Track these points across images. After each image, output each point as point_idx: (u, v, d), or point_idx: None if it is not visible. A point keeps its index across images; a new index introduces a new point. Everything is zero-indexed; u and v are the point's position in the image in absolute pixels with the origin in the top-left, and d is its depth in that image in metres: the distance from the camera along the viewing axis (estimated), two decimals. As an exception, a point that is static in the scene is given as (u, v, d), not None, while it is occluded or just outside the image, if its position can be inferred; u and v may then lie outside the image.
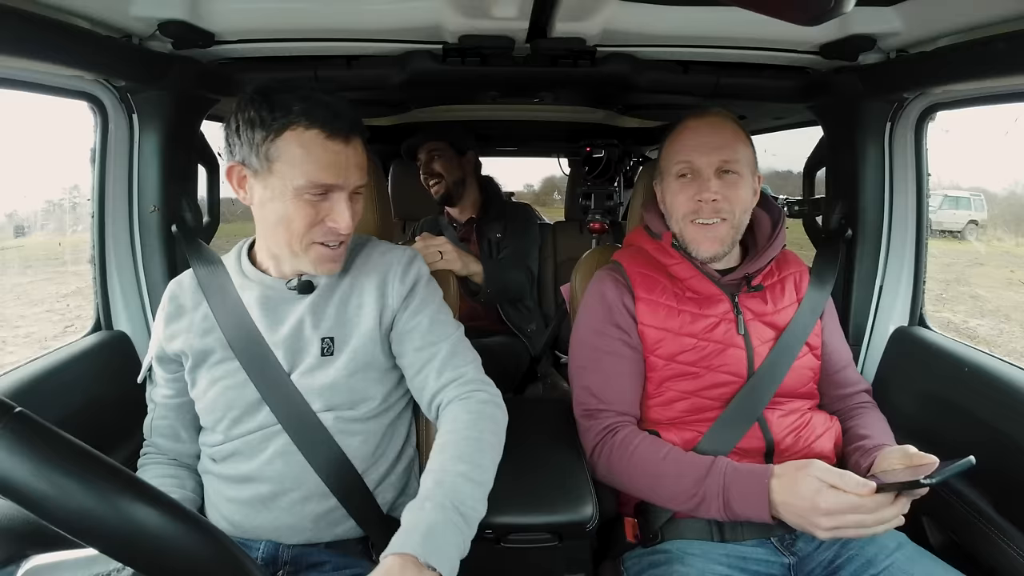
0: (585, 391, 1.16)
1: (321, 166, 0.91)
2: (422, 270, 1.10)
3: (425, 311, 1.06)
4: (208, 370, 1.01)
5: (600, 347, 1.16)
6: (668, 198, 1.17)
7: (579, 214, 2.32)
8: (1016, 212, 9.45)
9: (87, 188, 1.35)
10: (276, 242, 0.99)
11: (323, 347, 1.01)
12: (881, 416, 1.18)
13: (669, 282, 1.17)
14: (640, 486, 1.06)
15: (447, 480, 0.85)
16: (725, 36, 1.21)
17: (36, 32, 0.92)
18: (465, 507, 0.83)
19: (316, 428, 0.99)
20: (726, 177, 1.11)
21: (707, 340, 1.12)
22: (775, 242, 1.17)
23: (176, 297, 1.07)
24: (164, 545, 0.49)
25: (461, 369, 1.03)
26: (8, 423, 0.47)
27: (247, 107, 0.92)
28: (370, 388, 1.03)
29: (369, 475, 1.02)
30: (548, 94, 1.79)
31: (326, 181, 0.92)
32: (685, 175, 1.13)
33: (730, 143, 1.12)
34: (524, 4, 1.03)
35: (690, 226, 1.14)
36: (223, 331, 1.01)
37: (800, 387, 1.14)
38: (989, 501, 1.09)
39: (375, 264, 1.07)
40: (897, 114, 1.37)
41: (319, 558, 0.98)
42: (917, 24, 1.07)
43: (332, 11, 1.10)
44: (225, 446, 1.01)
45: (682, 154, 1.13)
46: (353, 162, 0.95)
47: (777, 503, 0.93)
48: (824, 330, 1.20)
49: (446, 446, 0.92)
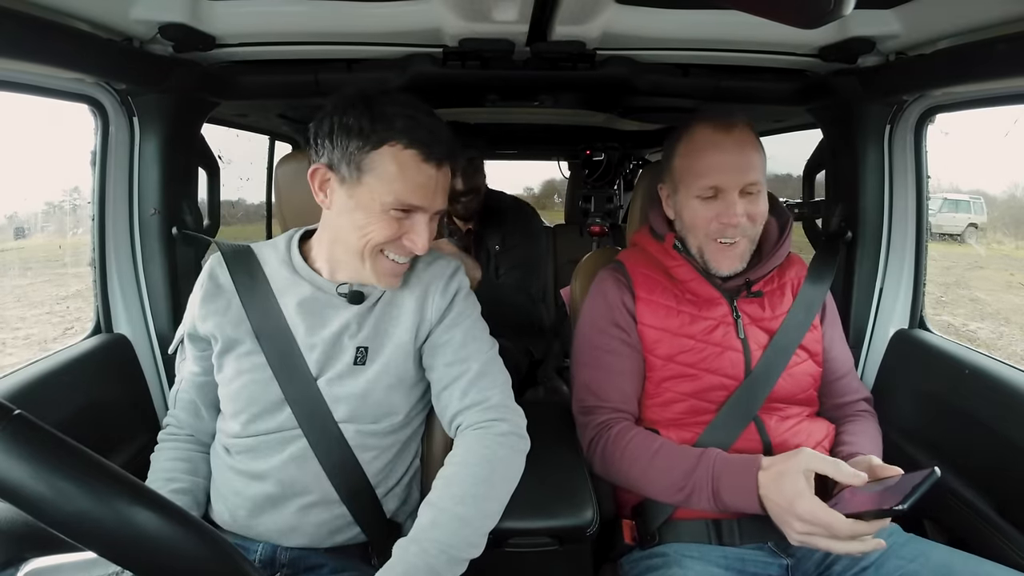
0: (584, 388, 1.17)
1: (412, 187, 0.91)
2: (463, 282, 1.08)
3: (461, 325, 1.04)
4: (236, 360, 1.00)
5: (600, 345, 1.16)
6: (687, 214, 1.14)
7: (579, 217, 2.33)
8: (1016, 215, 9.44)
9: (88, 190, 1.35)
10: (345, 249, 0.97)
11: (356, 356, 0.99)
12: (871, 424, 1.17)
13: (670, 283, 1.17)
14: (633, 479, 1.07)
15: (443, 521, 0.85)
16: (724, 39, 1.21)
17: (37, 35, 0.92)
18: (456, 550, 0.83)
19: (336, 437, 0.97)
20: (749, 195, 1.09)
21: (705, 342, 1.12)
22: (780, 249, 1.16)
23: (216, 276, 1.04)
24: (163, 548, 0.49)
25: (487, 392, 1.00)
26: (7, 425, 0.47)
27: (346, 111, 0.91)
28: (396, 402, 1.01)
29: (379, 487, 1.01)
30: (548, 97, 1.79)
31: (414, 203, 0.92)
32: (710, 197, 1.10)
33: (755, 161, 1.09)
34: (524, 8, 1.03)
35: (712, 244, 1.12)
36: (253, 325, 0.99)
37: (799, 393, 1.14)
38: (990, 503, 1.09)
39: (418, 276, 1.04)
40: (897, 116, 1.37)
41: (317, 561, 0.98)
42: (916, 26, 1.07)
43: (332, 15, 1.10)
44: (242, 440, 1.00)
45: (708, 177, 1.08)
46: (441, 186, 0.95)
47: (762, 496, 0.94)
48: (825, 336, 1.19)
49: (452, 480, 0.91)
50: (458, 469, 0.92)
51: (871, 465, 0.95)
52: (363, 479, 0.99)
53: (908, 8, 1.04)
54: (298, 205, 1.28)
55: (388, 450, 1.02)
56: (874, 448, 1.10)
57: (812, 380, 1.16)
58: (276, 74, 1.36)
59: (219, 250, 1.07)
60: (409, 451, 1.07)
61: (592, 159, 2.11)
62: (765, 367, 1.11)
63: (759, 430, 1.09)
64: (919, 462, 1.23)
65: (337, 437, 0.97)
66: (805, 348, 1.16)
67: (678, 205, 1.16)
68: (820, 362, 1.18)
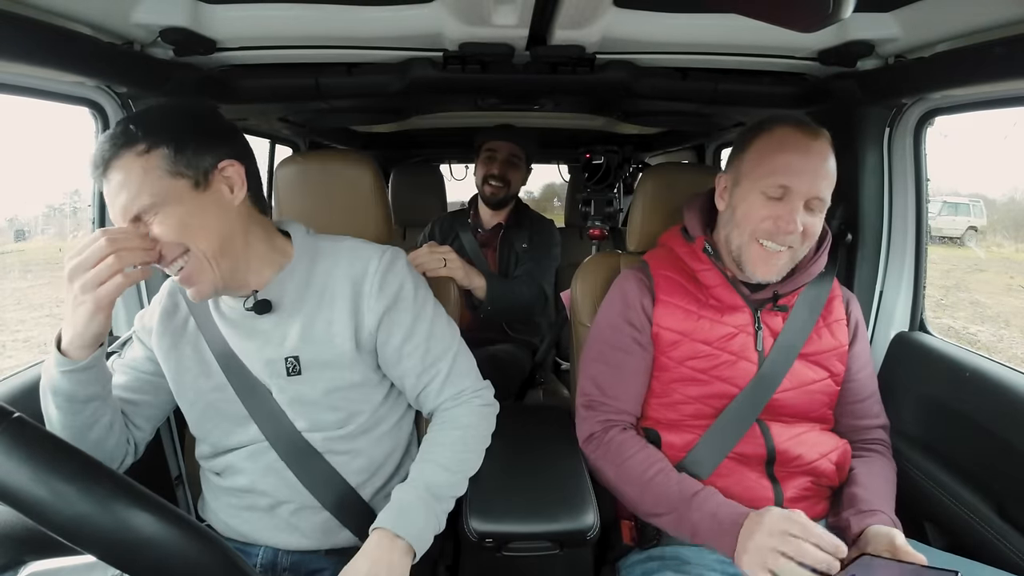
0: (590, 381, 1.16)
1: None
2: (404, 277, 1.02)
3: (419, 331, 1.01)
4: (194, 380, 1.00)
5: (612, 342, 1.16)
6: (743, 208, 1.08)
7: (579, 220, 2.33)
8: (1016, 218, 9.45)
9: (88, 193, 1.36)
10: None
11: (287, 366, 0.97)
12: (886, 465, 1.13)
13: (693, 287, 1.15)
14: (621, 492, 1.08)
15: (427, 469, 0.96)
16: (724, 43, 1.21)
17: (38, 38, 0.92)
18: (438, 490, 0.94)
19: (303, 447, 0.98)
20: (810, 211, 1.05)
21: (722, 349, 1.10)
22: (812, 266, 1.12)
23: (174, 295, 1.04)
24: (162, 551, 0.49)
25: (460, 384, 1.06)
26: (7, 428, 0.47)
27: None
28: (355, 405, 1.01)
29: (365, 488, 1.01)
30: (548, 101, 1.80)
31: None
32: (776, 197, 1.05)
33: (829, 174, 1.05)
34: (524, 12, 1.04)
35: (755, 245, 1.06)
36: (210, 345, 1.00)
37: (812, 411, 1.12)
38: (991, 505, 1.09)
39: (345, 272, 0.99)
40: (896, 119, 1.37)
41: (318, 564, 0.98)
42: (915, 29, 1.08)
43: (333, 19, 1.10)
44: (218, 460, 1.01)
45: (781, 175, 1.03)
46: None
47: (741, 548, 0.91)
48: (851, 356, 1.15)
49: (434, 441, 1.01)
50: (437, 433, 1.02)
51: (894, 543, 0.91)
52: (342, 484, 0.99)
53: (907, 11, 1.04)
54: (298, 208, 1.28)
55: (364, 451, 1.02)
56: (887, 497, 1.06)
57: (827, 399, 1.13)
58: (276, 78, 1.36)
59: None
60: (395, 451, 1.07)
61: (592, 163, 2.11)
62: (771, 368, 1.09)
63: (764, 435, 1.08)
64: (920, 464, 1.23)
65: (304, 447, 0.98)
66: (824, 366, 1.12)
67: (736, 198, 1.10)
68: (839, 382, 1.14)
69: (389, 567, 0.84)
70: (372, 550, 0.85)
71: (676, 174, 1.41)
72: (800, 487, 1.08)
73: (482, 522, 0.95)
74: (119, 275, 0.81)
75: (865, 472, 1.09)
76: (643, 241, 1.36)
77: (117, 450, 0.98)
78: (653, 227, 1.33)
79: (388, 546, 0.86)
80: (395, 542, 0.86)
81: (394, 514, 0.89)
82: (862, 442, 1.16)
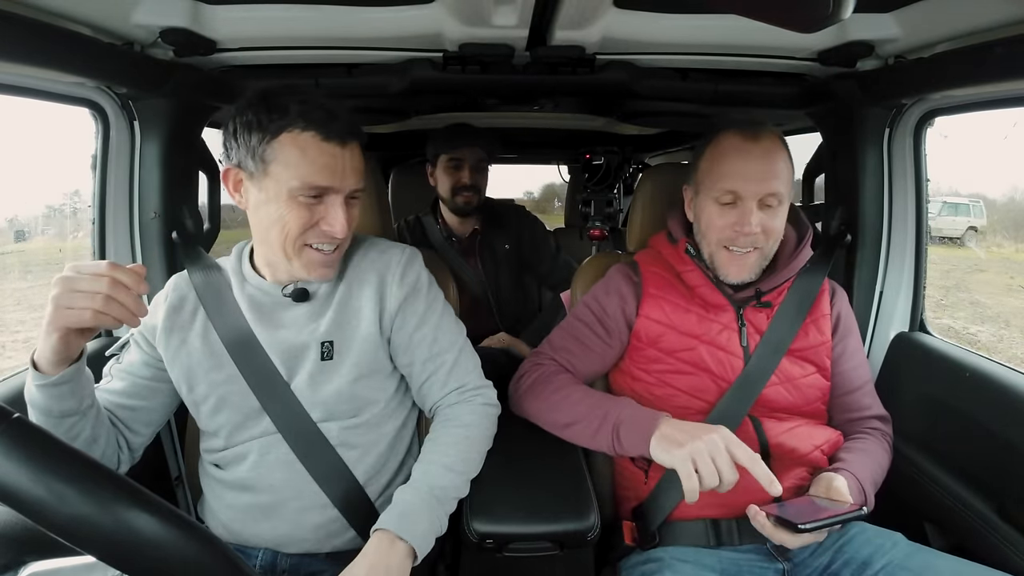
0: (547, 343, 1.22)
1: (316, 168, 0.91)
2: (422, 272, 1.08)
3: (429, 321, 1.06)
4: (206, 374, 1.00)
5: (582, 317, 1.20)
6: (704, 219, 1.13)
7: (579, 221, 2.33)
8: (1015, 218, 9.47)
9: (88, 194, 1.35)
10: (270, 246, 0.97)
11: (323, 351, 1.00)
12: (874, 443, 1.14)
13: (681, 284, 1.18)
14: (548, 409, 1.11)
15: (431, 470, 0.97)
16: (723, 43, 1.22)
17: (38, 39, 0.93)
18: (442, 492, 0.94)
19: (316, 438, 0.98)
20: (768, 208, 1.08)
21: (709, 344, 1.12)
22: (794, 261, 1.15)
23: (180, 289, 1.05)
24: (162, 552, 0.49)
25: (464, 378, 1.07)
26: (6, 429, 0.47)
27: (245, 111, 0.92)
28: (373, 393, 1.03)
29: (371, 486, 1.02)
30: (548, 101, 1.80)
31: (321, 183, 0.91)
32: (728, 203, 1.09)
33: (778, 171, 1.08)
34: (524, 12, 1.04)
35: (723, 252, 1.11)
36: (221, 336, 1.00)
37: (804, 406, 1.13)
38: (991, 506, 1.09)
39: (372, 264, 1.05)
40: (896, 120, 1.37)
41: (318, 567, 0.98)
42: (915, 30, 1.08)
43: (333, 19, 1.10)
44: (227, 452, 1.01)
45: (727, 181, 1.08)
46: (350, 166, 0.94)
47: (660, 433, 0.96)
48: (836, 348, 1.17)
49: (436, 441, 1.01)
50: (439, 432, 1.03)
51: (831, 485, 0.99)
52: (351, 480, 0.99)
53: (907, 12, 1.04)
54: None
55: (374, 447, 1.03)
56: (868, 467, 1.07)
57: (819, 394, 1.15)
58: (276, 78, 1.36)
59: (189, 267, 1.08)
60: (399, 450, 1.08)
61: (592, 163, 2.11)
62: (758, 365, 1.11)
63: (756, 430, 1.09)
64: (920, 464, 1.23)
65: (319, 439, 0.98)
66: (812, 361, 1.14)
67: (698, 208, 1.16)
68: (828, 376, 1.16)
69: (388, 570, 0.84)
70: (372, 553, 0.85)
71: (676, 174, 1.41)
72: (795, 478, 1.09)
73: (483, 523, 0.95)
74: (90, 311, 0.77)
75: (849, 447, 1.13)
76: (643, 241, 1.36)
77: (103, 463, 0.97)
78: (653, 228, 1.33)
79: (388, 549, 0.86)
80: (396, 544, 0.86)
81: (396, 516, 0.89)
82: (857, 432, 1.17)
